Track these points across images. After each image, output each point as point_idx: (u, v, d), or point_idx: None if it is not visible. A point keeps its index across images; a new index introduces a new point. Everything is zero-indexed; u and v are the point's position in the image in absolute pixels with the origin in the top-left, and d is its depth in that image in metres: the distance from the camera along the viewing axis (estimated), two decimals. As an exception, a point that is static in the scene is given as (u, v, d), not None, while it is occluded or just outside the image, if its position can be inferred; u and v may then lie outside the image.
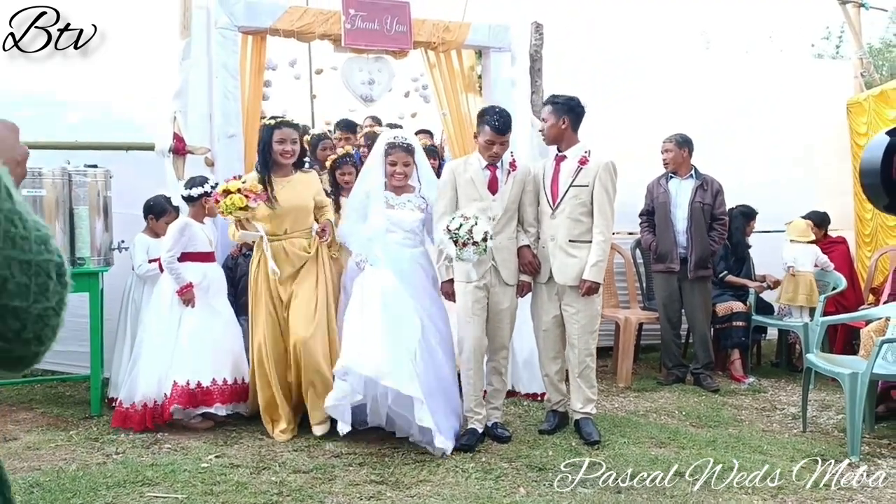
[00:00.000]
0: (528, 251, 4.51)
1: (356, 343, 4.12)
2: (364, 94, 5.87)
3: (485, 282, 4.39)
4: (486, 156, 4.40)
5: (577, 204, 4.42)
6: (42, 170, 4.66)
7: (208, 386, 4.53)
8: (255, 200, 4.33)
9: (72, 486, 3.52)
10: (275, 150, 4.51)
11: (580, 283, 4.39)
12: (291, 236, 4.55)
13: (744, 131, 7.36)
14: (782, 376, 6.33)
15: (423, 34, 5.97)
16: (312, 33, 5.72)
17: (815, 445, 4.51)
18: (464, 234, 4.08)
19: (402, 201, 4.54)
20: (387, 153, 4.52)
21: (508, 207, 4.44)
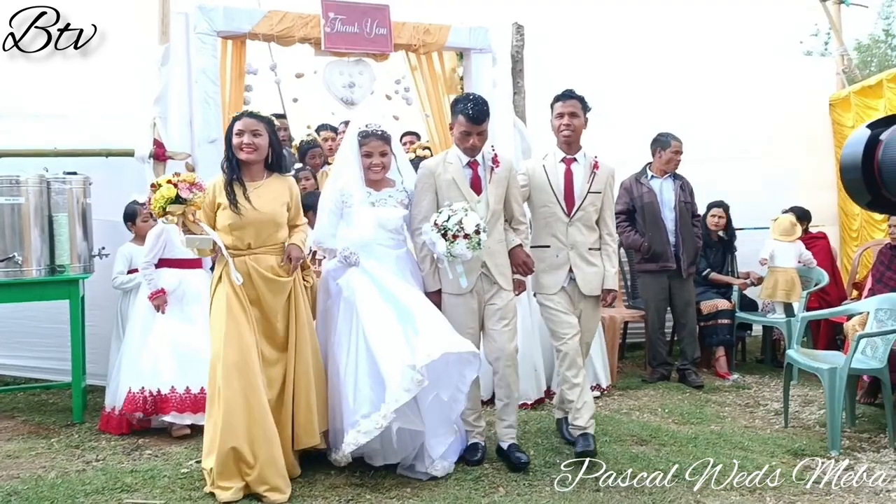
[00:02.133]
0: (522, 251, 4.16)
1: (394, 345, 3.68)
2: (345, 98, 5.87)
3: (477, 290, 4.02)
4: (463, 149, 4.02)
5: (593, 211, 4.28)
6: (20, 177, 4.66)
7: (166, 394, 4.47)
8: (190, 190, 3.64)
9: (49, 494, 3.51)
10: (234, 145, 3.80)
11: (605, 293, 4.30)
12: (256, 252, 3.78)
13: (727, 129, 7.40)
14: (766, 373, 6.35)
15: (403, 37, 5.98)
16: (292, 37, 5.72)
17: (795, 441, 4.54)
18: (453, 225, 3.76)
19: (382, 197, 4.06)
20: (360, 143, 4.03)
21: (495, 208, 4.06)
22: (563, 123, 4.25)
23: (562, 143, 4.31)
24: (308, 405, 3.80)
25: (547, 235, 4.27)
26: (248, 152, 3.80)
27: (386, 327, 3.72)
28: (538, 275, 4.29)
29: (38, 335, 5.48)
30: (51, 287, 4.75)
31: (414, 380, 3.55)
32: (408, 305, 3.79)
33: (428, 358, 3.55)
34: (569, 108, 4.26)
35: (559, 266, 4.23)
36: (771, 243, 6.45)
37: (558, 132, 4.30)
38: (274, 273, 3.80)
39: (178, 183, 3.64)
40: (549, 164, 4.30)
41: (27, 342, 5.56)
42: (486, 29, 6.28)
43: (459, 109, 4.00)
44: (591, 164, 4.28)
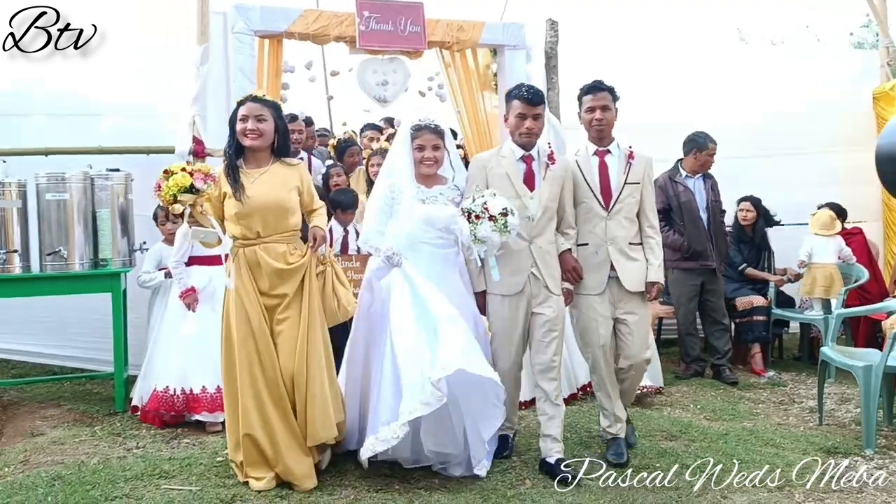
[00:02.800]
0: (571, 257, 4.02)
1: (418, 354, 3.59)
2: (378, 96, 5.95)
3: (527, 293, 3.88)
4: (518, 134, 3.88)
5: (633, 203, 4.05)
6: (66, 174, 4.82)
7: (197, 393, 4.53)
8: (204, 181, 3.52)
9: (92, 479, 3.65)
10: (238, 131, 3.69)
11: (648, 287, 4.05)
12: (266, 241, 3.67)
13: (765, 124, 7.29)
14: (803, 370, 6.27)
15: (437, 34, 6.02)
16: (327, 36, 5.80)
17: (829, 439, 4.49)
18: (478, 207, 3.65)
19: (433, 194, 3.94)
20: (412, 137, 3.93)
21: (548, 206, 3.91)
22: (595, 118, 4.07)
23: (593, 137, 4.13)
24: (323, 398, 3.66)
25: (586, 233, 4.07)
26: (253, 138, 3.67)
27: (411, 336, 3.63)
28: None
29: (83, 327, 5.66)
30: (94, 280, 4.90)
31: (434, 395, 3.44)
32: (436, 316, 3.65)
33: (442, 371, 3.44)
34: (600, 102, 4.07)
35: (600, 264, 4.02)
36: (810, 239, 6.37)
37: (589, 126, 4.12)
38: (284, 261, 3.68)
39: (194, 172, 3.54)
40: (582, 159, 4.12)
41: (72, 333, 5.74)
42: (520, 25, 6.29)
43: (514, 94, 3.92)
44: (626, 154, 4.09)
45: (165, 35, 5.71)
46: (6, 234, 4.75)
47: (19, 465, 3.94)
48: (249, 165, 3.73)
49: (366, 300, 3.97)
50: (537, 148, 3.95)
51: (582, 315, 4.11)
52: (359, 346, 3.97)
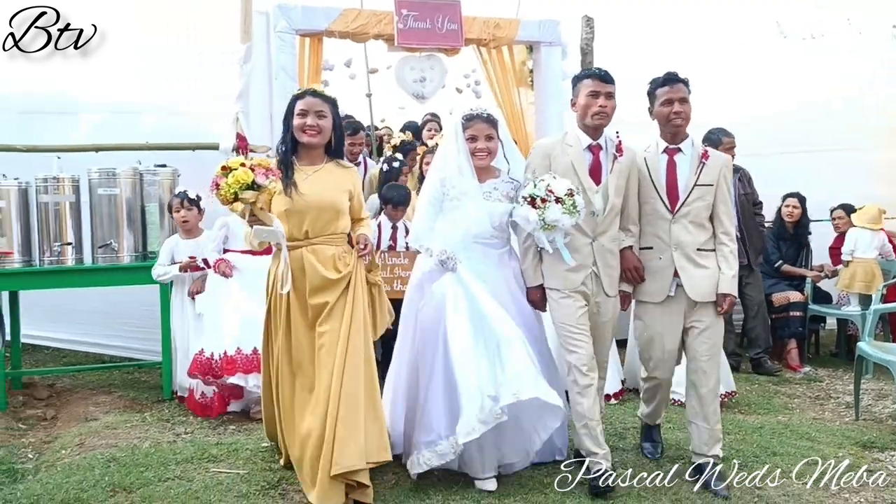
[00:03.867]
0: (633, 255, 3.76)
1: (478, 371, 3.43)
2: (416, 92, 6.06)
3: (585, 290, 3.65)
4: (591, 115, 3.57)
5: (703, 207, 3.70)
6: (116, 170, 5.01)
7: (232, 355, 4.54)
8: (267, 175, 3.30)
9: (144, 461, 3.81)
10: (295, 126, 3.50)
11: (720, 299, 3.68)
12: (314, 242, 3.49)
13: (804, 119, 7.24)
14: (840, 366, 6.25)
15: (473, 31, 6.11)
16: (367, 34, 5.93)
17: (865, 434, 4.50)
18: (542, 191, 3.43)
19: (487, 189, 3.74)
20: (464, 128, 3.73)
21: (614, 201, 3.67)
22: (673, 111, 3.68)
23: (668, 133, 3.75)
24: (354, 424, 3.30)
25: (649, 235, 3.77)
26: (312, 135, 3.50)
27: (468, 349, 3.46)
28: None
29: (131, 317, 5.86)
30: (143, 272, 5.06)
31: (493, 412, 3.33)
32: (498, 333, 3.49)
33: (514, 398, 3.33)
34: (677, 94, 3.69)
35: (662, 269, 3.72)
36: (854, 233, 6.33)
37: (666, 121, 3.71)
38: (334, 268, 3.48)
39: (255, 167, 3.29)
40: (651, 156, 3.77)
41: (121, 324, 5.95)
42: (556, 22, 6.36)
43: (584, 74, 3.72)
44: (700, 153, 3.73)
45: (196, 34, 5.83)
46: (60, 227, 4.95)
47: (75, 447, 4.12)
48: (302, 162, 3.57)
49: (415, 301, 3.78)
50: (605, 137, 3.70)
51: (645, 327, 3.81)
52: (405, 349, 3.82)
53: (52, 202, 4.92)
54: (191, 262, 4.89)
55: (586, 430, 3.58)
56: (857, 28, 7.86)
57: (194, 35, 5.85)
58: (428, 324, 3.64)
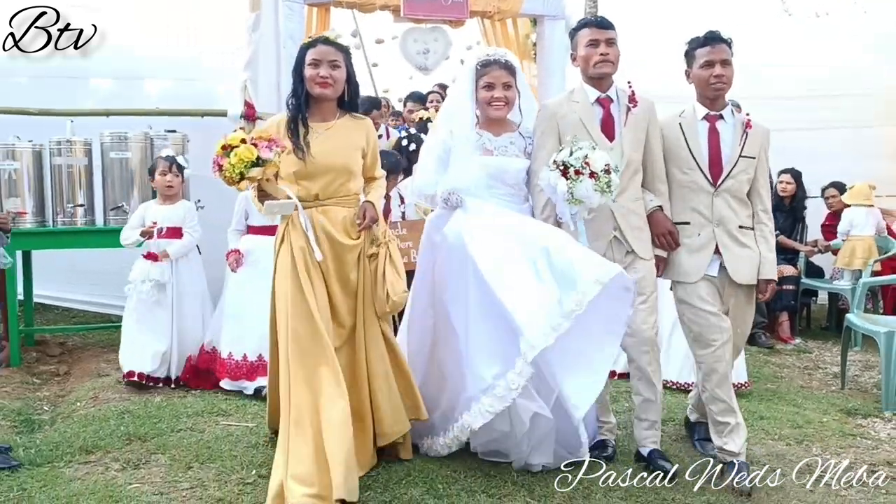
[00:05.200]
0: (664, 217, 3.42)
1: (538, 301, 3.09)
2: (419, 64, 6.17)
3: (609, 258, 3.31)
4: (593, 64, 3.33)
5: (745, 181, 3.41)
6: (128, 134, 5.12)
7: (253, 361, 4.41)
8: (270, 148, 3.00)
9: (157, 414, 3.97)
10: (307, 77, 3.22)
11: (762, 285, 3.42)
12: (325, 204, 3.26)
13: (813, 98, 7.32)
14: (830, 339, 6.41)
15: (478, 4, 6.20)
16: (373, 4, 6.01)
17: (850, 401, 4.67)
18: (577, 160, 3.11)
19: (502, 143, 3.42)
20: (479, 74, 3.40)
21: (631, 156, 3.37)
22: (714, 74, 3.34)
23: (706, 98, 3.42)
24: (390, 390, 3.29)
25: (685, 209, 3.43)
26: (325, 86, 3.22)
27: (512, 268, 3.14)
28: (674, 258, 3.46)
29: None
30: (152, 235, 5.19)
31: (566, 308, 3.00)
32: (539, 239, 3.18)
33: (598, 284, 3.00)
34: (719, 55, 3.34)
35: (701, 247, 3.39)
36: (850, 212, 6.45)
37: (706, 85, 3.37)
38: (345, 230, 3.28)
39: (256, 141, 3.01)
40: (688, 122, 3.45)
41: (130, 285, 6.08)
42: (560, -5, 6.44)
43: (581, 24, 3.46)
44: (743, 122, 3.43)
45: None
46: (73, 189, 5.07)
47: (89, 400, 4.28)
48: (314, 118, 3.29)
49: (427, 260, 3.52)
50: (615, 88, 3.42)
51: (688, 308, 3.42)
52: (424, 318, 3.51)
53: (66, 164, 5.04)
54: (149, 229, 4.56)
55: (601, 405, 3.48)
56: (863, 7, 7.92)
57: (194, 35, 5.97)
58: (451, 267, 3.32)
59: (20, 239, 5.03)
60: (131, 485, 3.17)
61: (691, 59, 3.44)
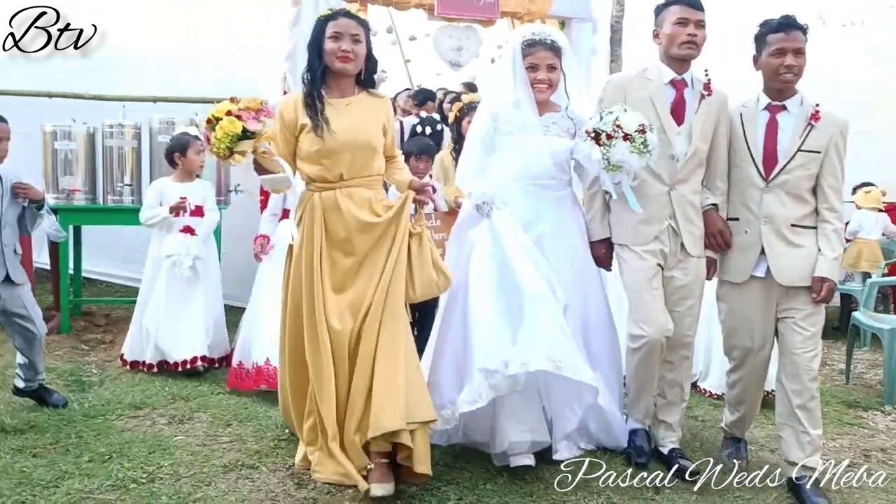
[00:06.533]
0: (718, 216, 3.24)
1: (495, 331, 3.04)
2: (452, 60, 6.45)
3: (661, 247, 3.20)
4: (679, 44, 3.13)
5: (805, 176, 3.13)
6: (175, 119, 5.44)
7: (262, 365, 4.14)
8: (258, 119, 2.82)
9: (199, 379, 4.34)
10: (327, 51, 3.05)
11: (815, 284, 3.10)
12: (349, 184, 3.09)
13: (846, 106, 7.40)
14: (840, 339, 6.57)
15: (509, 4, 6.48)
16: (408, 3, 6.31)
17: (852, 395, 4.87)
18: (607, 125, 2.98)
19: (546, 123, 3.32)
20: (524, 54, 3.28)
21: (698, 146, 3.18)
22: (785, 64, 3.09)
23: (773, 89, 3.18)
24: (395, 376, 2.94)
25: (737, 205, 3.26)
26: (346, 60, 3.05)
27: (489, 307, 3.08)
28: (723, 255, 3.32)
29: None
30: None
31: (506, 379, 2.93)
32: (524, 289, 3.05)
33: (522, 367, 2.90)
34: (793, 43, 3.09)
35: (747, 246, 3.20)
36: (858, 215, 6.63)
37: (774, 74, 3.12)
38: (370, 211, 3.10)
39: (241, 113, 2.82)
40: (748, 112, 3.22)
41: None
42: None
43: (671, 0, 3.20)
44: (809, 114, 3.14)
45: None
46: (122, 170, 5.41)
47: (135, 364, 4.62)
48: (332, 94, 3.13)
49: (452, 258, 3.40)
50: (691, 73, 3.22)
51: (729, 311, 3.30)
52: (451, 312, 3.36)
53: (117, 146, 5.37)
54: (181, 204, 4.50)
55: (636, 396, 3.36)
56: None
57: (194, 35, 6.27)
58: (456, 275, 3.25)
59: (72, 214, 5.39)
60: (177, 437, 3.49)
61: (762, 45, 3.17)
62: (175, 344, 4.41)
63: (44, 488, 2.93)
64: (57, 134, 5.32)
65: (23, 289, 3.64)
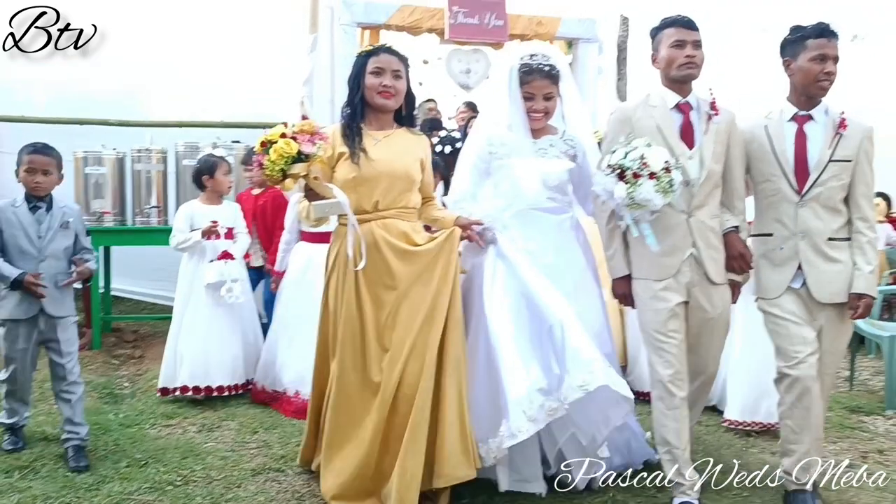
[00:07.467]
0: (738, 239, 3.13)
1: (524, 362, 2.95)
2: (462, 82, 6.70)
3: (685, 280, 3.04)
4: (677, 66, 3.02)
5: (838, 187, 3.05)
6: (199, 144, 5.70)
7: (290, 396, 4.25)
8: (312, 142, 2.81)
9: (224, 390, 4.54)
10: (368, 86, 3.04)
11: (853, 300, 3.03)
12: (385, 215, 3.02)
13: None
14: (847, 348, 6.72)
15: (518, 28, 6.71)
16: (420, 28, 6.58)
17: (854, 400, 5.01)
18: (633, 162, 2.84)
19: (542, 146, 3.24)
20: (521, 81, 3.20)
21: (712, 169, 3.05)
22: (825, 71, 3.02)
23: (805, 96, 3.10)
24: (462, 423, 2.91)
25: (769, 220, 3.15)
26: (388, 96, 3.05)
27: (513, 338, 2.97)
28: (757, 272, 3.20)
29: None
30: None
31: (545, 408, 2.84)
32: (550, 314, 2.96)
33: (582, 390, 2.81)
34: (834, 50, 3.03)
35: (784, 261, 3.09)
36: None
37: (814, 81, 3.04)
38: (407, 241, 3.00)
39: (296, 135, 2.81)
40: (774, 125, 3.14)
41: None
42: (594, 21, 6.94)
43: (665, 23, 3.12)
44: (837, 122, 3.06)
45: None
46: (149, 192, 5.67)
47: (164, 378, 4.85)
48: (370, 128, 3.11)
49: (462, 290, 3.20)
50: (695, 95, 3.13)
51: (772, 320, 3.13)
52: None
53: (144, 170, 5.65)
54: (213, 228, 4.44)
55: (670, 457, 3.08)
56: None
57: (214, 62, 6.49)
58: (468, 308, 3.12)
59: (103, 236, 5.65)
60: (207, 443, 3.72)
61: (799, 49, 3.08)
62: (218, 369, 4.37)
63: (86, 491, 3.16)
64: (88, 160, 5.60)
65: (61, 322, 3.48)
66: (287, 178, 2.81)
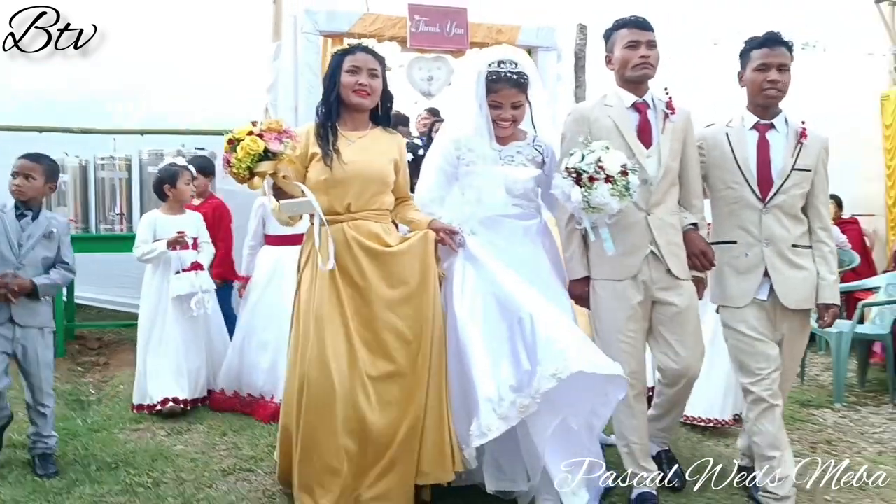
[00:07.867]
0: (699, 236, 3.15)
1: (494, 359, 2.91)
2: (424, 90, 6.81)
3: (643, 278, 3.07)
4: (632, 66, 3.05)
5: (799, 195, 3.13)
6: (163, 151, 5.73)
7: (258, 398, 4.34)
8: (280, 140, 2.79)
9: (192, 394, 4.57)
10: (343, 84, 3.02)
11: (821, 310, 3.14)
12: (356, 216, 3.01)
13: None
14: (798, 344, 6.97)
15: (478, 35, 6.83)
16: (382, 36, 6.65)
17: (805, 395, 5.22)
18: (589, 166, 2.84)
19: (509, 153, 3.21)
20: (488, 89, 3.14)
21: (669, 166, 3.09)
22: (769, 79, 3.09)
23: (758, 105, 3.17)
24: (441, 426, 2.95)
25: (732, 227, 3.18)
26: (363, 95, 3.03)
27: (481, 339, 2.93)
28: (721, 280, 3.22)
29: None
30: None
31: (516, 404, 2.77)
32: (520, 308, 2.91)
33: (554, 379, 2.72)
34: (777, 58, 3.10)
35: (749, 269, 3.12)
36: None
37: (758, 91, 3.13)
38: (379, 242, 2.99)
39: (263, 133, 2.79)
40: (735, 132, 3.19)
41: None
42: (552, 29, 7.09)
43: (618, 24, 3.14)
44: (798, 131, 3.14)
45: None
46: (114, 200, 5.68)
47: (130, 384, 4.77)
48: (345, 127, 3.09)
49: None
50: (651, 94, 3.14)
51: (734, 335, 3.17)
52: None
53: (108, 178, 5.65)
54: (179, 238, 4.34)
55: (628, 451, 3.16)
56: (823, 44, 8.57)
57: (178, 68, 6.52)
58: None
59: (66, 243, 5.63)
60: (177, 446, 3.77)
61: (746, 60, 3.19)
62: (193, 382, 4.34)
63: (56, 495, 3.19)
64: (50, 167, 5.58)
65: (31, 332, 3.41)
66: (254, 177, 2.79)
